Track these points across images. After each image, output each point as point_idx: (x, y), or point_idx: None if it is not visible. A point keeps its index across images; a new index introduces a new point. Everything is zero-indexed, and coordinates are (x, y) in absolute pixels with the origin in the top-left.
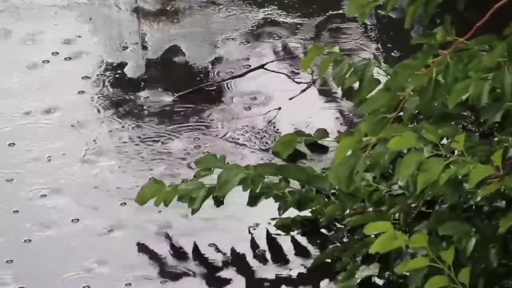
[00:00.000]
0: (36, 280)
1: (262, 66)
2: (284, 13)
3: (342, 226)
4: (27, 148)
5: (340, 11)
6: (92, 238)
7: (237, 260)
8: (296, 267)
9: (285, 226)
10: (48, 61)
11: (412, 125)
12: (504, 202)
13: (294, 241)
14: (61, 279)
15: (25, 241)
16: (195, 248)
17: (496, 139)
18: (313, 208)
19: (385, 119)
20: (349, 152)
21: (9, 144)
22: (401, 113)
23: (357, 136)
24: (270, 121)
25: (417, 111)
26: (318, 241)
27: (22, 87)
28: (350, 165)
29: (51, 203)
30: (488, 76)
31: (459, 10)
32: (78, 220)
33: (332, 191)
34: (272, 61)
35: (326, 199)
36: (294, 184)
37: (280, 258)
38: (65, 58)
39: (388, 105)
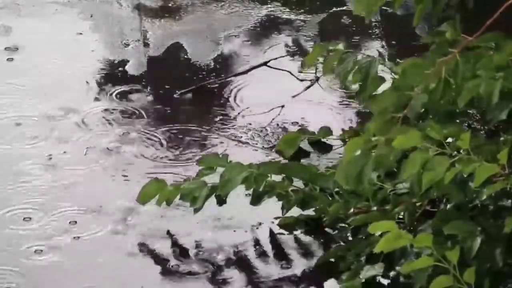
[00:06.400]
0: None
1: (265, 64)
2: (287, 10)
3: (346, 225)
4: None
5: (344, 8)
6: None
7: (240, 260)
8: (300, 266)
9: (288, 225)
10: (49, 60)
11: (419, 123)
12: (509, 201)
13: (297, 240)
14: None
15: None
16: (198, 248)
17: (502, 138)
18: (317, 207)
19: (394, 118)
20: (358, 152)
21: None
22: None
23: (366, 136)
24: (273, 119)
25: (423, 109)
26: (322, 240)
27: (22, 87)
28: (358, 166)
29: None
30: (497, 75)
31: (468, 7)
32: (76, 222)
33: (336, 189)
34: (275, 59)
35: (330, 198)
36: (298, 183)
37: (283, 257)
38: (66, 56)
39: (397, 105)
